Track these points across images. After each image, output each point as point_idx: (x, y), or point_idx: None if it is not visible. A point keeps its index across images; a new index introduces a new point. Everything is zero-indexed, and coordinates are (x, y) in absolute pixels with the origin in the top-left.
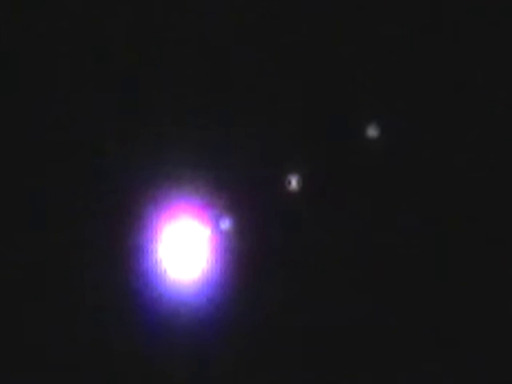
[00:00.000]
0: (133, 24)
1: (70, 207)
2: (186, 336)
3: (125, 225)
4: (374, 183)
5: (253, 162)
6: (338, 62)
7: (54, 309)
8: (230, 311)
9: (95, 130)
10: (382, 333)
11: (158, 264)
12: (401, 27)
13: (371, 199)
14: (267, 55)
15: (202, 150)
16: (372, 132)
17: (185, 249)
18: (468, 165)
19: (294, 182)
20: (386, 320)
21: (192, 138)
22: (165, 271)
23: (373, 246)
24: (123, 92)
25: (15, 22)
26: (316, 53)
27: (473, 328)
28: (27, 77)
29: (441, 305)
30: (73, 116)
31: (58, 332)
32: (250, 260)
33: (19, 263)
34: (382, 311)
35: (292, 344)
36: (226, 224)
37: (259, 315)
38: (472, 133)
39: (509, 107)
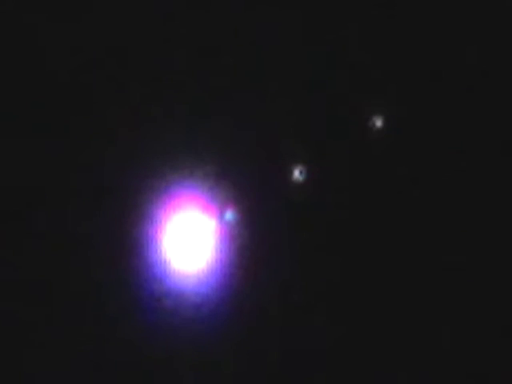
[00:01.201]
0: (134, 22)
1: (74, 200)
2: (190, 327)
3: (130, 216)
4: (377, 175)
5: (257, 153)
6: (343, 54)
7: (59, 301)
8: (234, 302)
9: (100, 122)
10: (386, 331)
11: (163, 255)
12: (406, 19)
13: (375, 190)
14: (272, 47)
15: (207, 142)
16: (376, 123)
17: (190, 240)
18: (473, 160)
19: (298, 173)
20: (391, 318)
21: (197, 129)
22: (170, 262)
23: (377, 236)
24: (128, 85)
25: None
26: (320, 44)
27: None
28: (27, 74)
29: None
30: (79, 106)
31: (61, 324)
32: (254, 251)
33: (24, 256)
34: (384, 306)
35: (296, 336)
36: (230, 215)
37: (264, 306)
38: (477, 126)
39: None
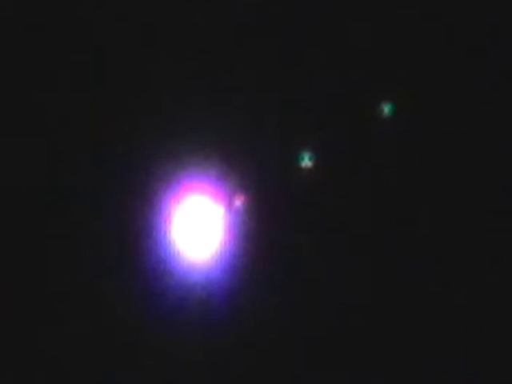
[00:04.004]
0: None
1: (84, 186)
2: (198, 314)
3: (138, 203)
4: (386, 161)
5: (266, 140)
6: (352, 41)
7: (67, 289)
8: (242, 289)
9: (108, 112)
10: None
11: (172, 242)
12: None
13: (383, 177)
14: (280, 34)
15: (216, 129)
16: (385, 110)
17: (198, 227)
18: (481, 151)
19: (306, 160)
20: (396, 310)
21: (205, 116)
22: (178, 249)
23: (385, 222)
24: (137, 73)
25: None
26: (329, 31)
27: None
28: (30, 73)
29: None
30: (89, 96)
31: (70, 313)
32: (263, 238)
33: (31, 244)
34: (389, 296)
35: (304, 323)
36: (239, 202)
37: (272, 293)
38: (486, 115)
39: None
